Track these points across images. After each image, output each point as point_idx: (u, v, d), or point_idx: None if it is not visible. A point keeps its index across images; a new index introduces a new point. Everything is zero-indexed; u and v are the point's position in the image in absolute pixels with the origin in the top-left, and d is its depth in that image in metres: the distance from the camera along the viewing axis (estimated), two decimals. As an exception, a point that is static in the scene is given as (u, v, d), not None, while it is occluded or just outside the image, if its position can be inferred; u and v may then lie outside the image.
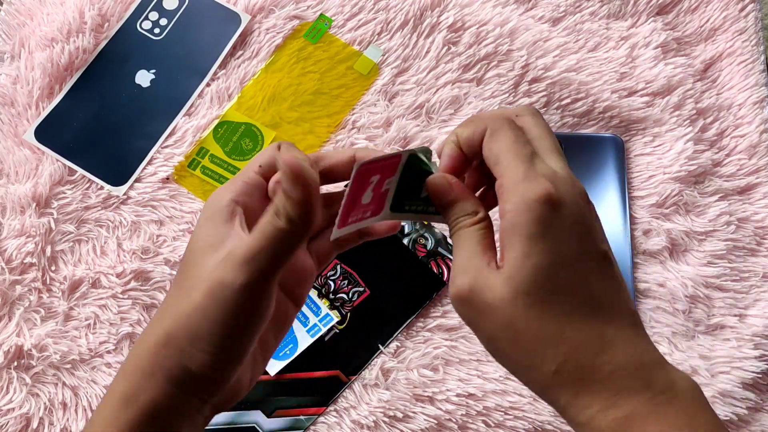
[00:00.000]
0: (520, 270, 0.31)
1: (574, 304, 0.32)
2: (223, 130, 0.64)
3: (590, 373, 0.31)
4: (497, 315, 0.32)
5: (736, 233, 0.61)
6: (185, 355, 0.33)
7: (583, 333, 0.31)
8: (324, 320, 0.59)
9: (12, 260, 0.59)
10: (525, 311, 0.31)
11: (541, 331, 0.31)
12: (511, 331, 0.32)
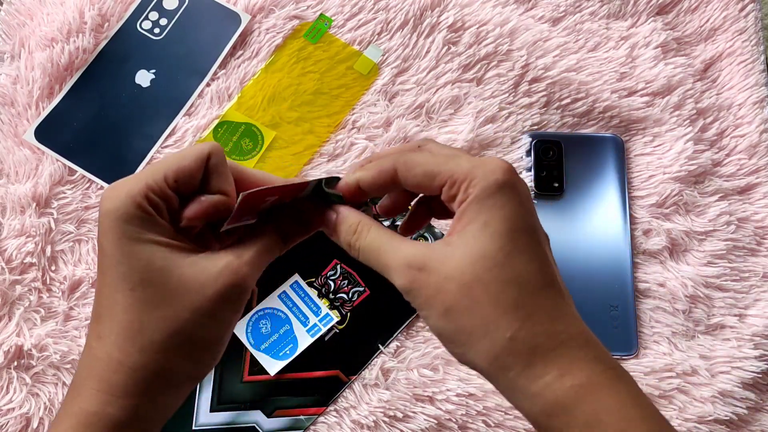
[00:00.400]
0: (479, 237, 0.32)
1: (531, 271, 0.32)
2: (223, 130, 0.64)
3: (545, 340, 0.31)
4: (454, 284, 0.32)
5: (736, 233, 0.61)
6: (189, 362, 0.34)
7: (539, 300, 0.32)
8: (324, 320, 0.59)
9: (12, 260, 0.59)
10: (484, 273, 0.31)
11: (500, 294, 0.31)
12: (468, 297, 0.31)
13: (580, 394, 0.30)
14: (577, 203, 0.62)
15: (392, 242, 0.34)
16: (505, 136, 0.64)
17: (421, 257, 0.33)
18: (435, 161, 0.34)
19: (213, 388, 0.58)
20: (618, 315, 0.59)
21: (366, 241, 0.35)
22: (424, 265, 0.32)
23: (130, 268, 0.32)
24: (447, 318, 0.32)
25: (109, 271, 0.33)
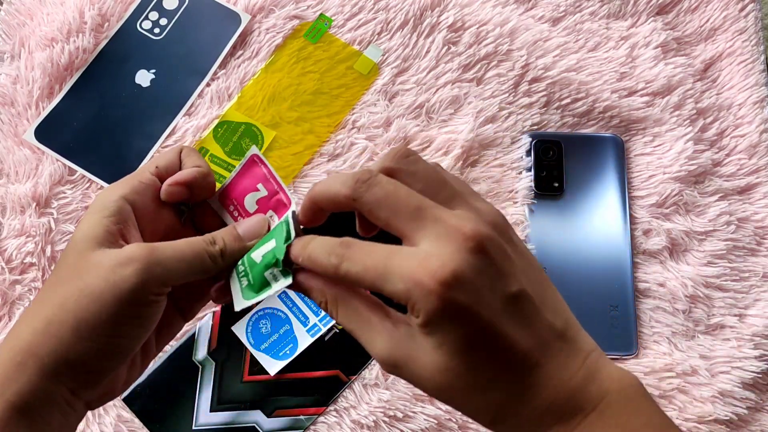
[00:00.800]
0: (439, 353, 0.30)
1: (491, 361, 0.30)
2: (223, 130, 0.64)
3: (524, 421, 0.31)
4: (430, 386, 0.31)
5: (736, 233, 0.61)
6: (63, 344, 0.32)
7: (504, 390, 0.31)
8: (324, 320, 0.59)
9: (12, 260, 0.59)
10: (455, 382, 0.31)
11: (471, 390, 0.31)
12: (445, 393, 0.31)
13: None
14: (577, 203, 0.62)
15: (365, 330, 0.32)
16: (505, 136, 0.64)
17: (405, 351, 0.31)
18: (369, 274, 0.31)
19: (213, 388, 0.58)
20: (618, 315, 0.59)
21: (341, 318, 0.33)
22: (406, 361, 0.31)
23: (71, 244, 0.35)
24: (435, 395, 0.32)
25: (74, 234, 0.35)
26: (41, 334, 0.32)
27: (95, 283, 0.32)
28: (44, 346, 0.32)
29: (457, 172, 0.62)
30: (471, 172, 0.63)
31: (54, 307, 0.33)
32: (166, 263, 0.33)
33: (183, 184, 0.37)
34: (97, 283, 0.32)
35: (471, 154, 0.63)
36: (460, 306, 0.29)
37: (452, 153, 0.62)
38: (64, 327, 0.32)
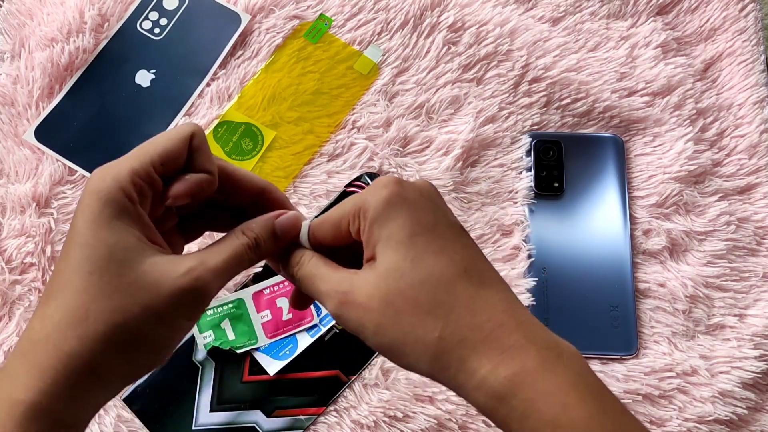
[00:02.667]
0: (385, 252, 0.33)
1: (440, 268, 0.32)
2: (223, 130, 0.64)
3: (471, 333, 0.31)
4: (375, 301, 0.32)
5: (736, 233, 0.61)
6: (126, 362, 0.32)
7: (456, 293, 0.32)
8: (324, 320, 0.59)
9: (12, 260, 0.59)
10: (397, 283, 0.32)
11: (416, 299, 0.32)
12: (391, 310, 0.32)
13: (515, 383, 0.30)
14: (577, 203, 0.62)
15: (326, 270, 0.35)
16: (505, 136, 0.64)
17: (349, 280, 0.34)
18: (336, 210, 0.35)
19: (213, 388, 0.58)
20: (618, 315, 0.59)
21: (303, 270, 0.36)
22: (350, 287, 0.33)
23: (93, 251, 0.31)
24: (380, 334, 0.33)
25: (73, 250, 0.32)
26: (100, 354, 0.31)
27: (162, 306, 0.32)
28: (107, 366, 0.32)
29: (457, 172, 0.62)
30: (471, 172, 0.63)
31: (113, 329, 0.31)
32: (224, 277, 0.34)
33: (189, 194, 0.35)
34: (165, 305, 0.32)
35: (471, 154, 0.63)
36: (405, 191, 0.33)
37: (452, 153, 0.62)
38: (129, 349, 0.32)
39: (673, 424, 0.56)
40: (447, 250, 0.33)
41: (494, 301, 0.32)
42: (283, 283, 0.59)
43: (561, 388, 0.30)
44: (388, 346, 0.33)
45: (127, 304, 0.31)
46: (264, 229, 0.36)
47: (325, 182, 0.63)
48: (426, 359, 0.32)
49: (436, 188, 0.36)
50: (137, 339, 0.32)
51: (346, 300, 0.33)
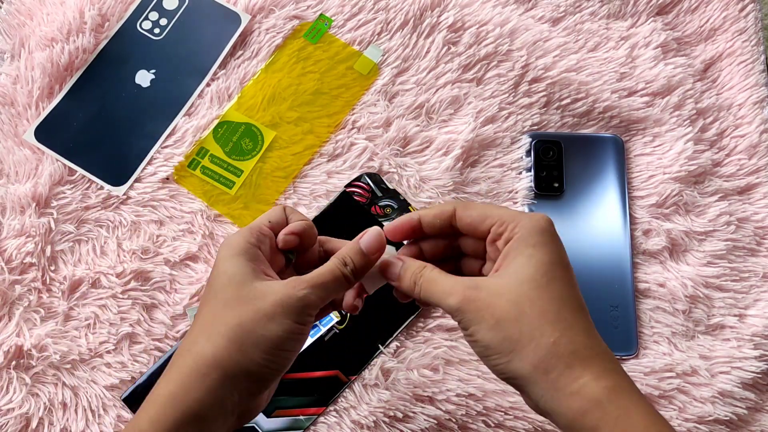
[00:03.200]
0: (526, 265, 0.39)
1: (569, 295, 0.39)
2: (223, 130, 0.64)
3: (582, 349, 0.37)
4: (503, 299, 0.38)
5: (736, 233, 0.61)
6: (246, 357, 0.39)
7: (575, 317, 0.38)
8: (324, 320, 0.59)
9: (12, 260, 0.59)
10: (530, 292, 0.38)
11: (544, 308, 0.37)
12: (516, 310, 0.38)
13: (612, 394, 0.36)
14: (577, 203, 0.62)
15: (447, 275, 0.41)
16: (505, 136, 0.64)
17: (474, 281, 0.40)
18: (487, 206, 0.43)
19: (213, 388, 0.58)
20: (618, 315, 0.59)
21: (425, 276, 0.42)
22: (477, 285, 0.39)
23: (223, 278, 0.41)
24: (496, 329, 0.38)
25: (211, 282, 0.42)
26: (224, 349, 0.39)
27: (269, 308, 0.39)
28: (229, 359, 0.39)
29: (457, 172, 0.62)
30: (471, 172, 0.63)
31: (233, 327, 0.39)
32: (319, 288, 0.41)
33: (296, 234, 0.44)
34: (272, 307, 0.40)
35: (471, 155, 0.63)
36: (555, 232, 0.41)
37: (452, 153, 0.62)
38: (246, 343, 0.39)
39: (673, 424, 0.56)
40: (574, 285, 0.39)
41: (597, 335, 0.38)
42: None
43: (647, 405, 0.37)
44: (500, 341, 0.38)
45: (242, 310, 0.39)
46: (351, 250, 0.43)
47: (325, 182, 0.63)
48: (532, 359, 0.37)
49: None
50: (251, 336, 0.39)
51: (471, 296, 0.39)
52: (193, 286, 0.59)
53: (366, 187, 0.62)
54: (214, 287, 0.41)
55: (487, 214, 0.42)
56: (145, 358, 0.58)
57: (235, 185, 0.63)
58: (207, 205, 0.62)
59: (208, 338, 0.39)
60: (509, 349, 0.37)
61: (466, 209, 0.43)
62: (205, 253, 0.61)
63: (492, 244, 0.42)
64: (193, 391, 0.38)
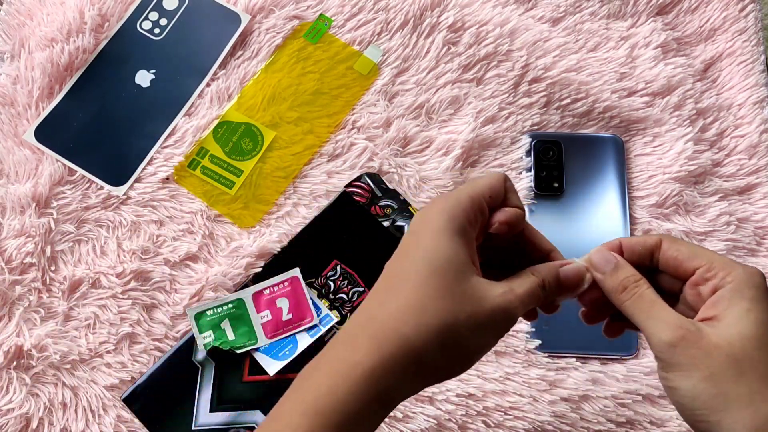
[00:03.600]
0: (745, 320, 0.36)
1: None
2: (223, 130, 0.64)
3: None
4: (723, 352, 0.35)
5: (736, 233, 0.61)
6: (444, 356, 0.36)
7: None
8: (324, 320, 0.59)
9: (12, 260, 0.59)
10: (753, 351, 0.35)
11: (763, 372, 0.35)
12: (735, 368, 0.35)
13: None
14: (577, 203, 0.62)
15: (663, 302, 0.38)
16: (505, 136, 0.64)
17: (695, 323, 0.37)
18: (698, 248, 0.39)
19: (213, 388, 0.58)
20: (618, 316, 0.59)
21: (642, 291, 0.39)
22: (699, 329, 0.36)
23: (436, 256, 0.37)
24: (709, 382, 0.35)
25: (414, 252, 0.38)
26: (432, 349, 0.36)
27: (484, 318, 0.37)
28: (432, 360, 0.36)
29: (457, 172, 0.62)
30: (471, 172, 0.63)
31: (445, 327, 0.36)
32: (524, 306, 0.38)
33: (510, 225, 0.40)
34: (486, 318, 0.37)
35: (471, 155, 0.63)
36: (765, 288, 0.37)
37: (452, 153, 0.62)
38: (452, 349, 0.36)
39: (673, 424, 0.56)
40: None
41: None
42: (283, 283, 0.59)
43: None
44: (711, 397, 0.35)
45: (457, 309, 0.36)
46: (550, 274, 0.40)
47: (325, 182, 0.63)
48: (748, 424, 0.34)
49: None
50: (457, 342, 0.36)
51: (691, 338, 0.36)
52: (193, 286, 0.59)
53: (366, 187, 0.62)
54: (427, 261, 0.37)
55: (697, 255, 0.39)
56: (145, 358, 0.58)
57: (235, 185, 0.63)
58: (207, 205, 0.62)
59: (416, 328, 0.36)
60: (720, 407, 0.35)
61: (674, 243, 0.40)
62: (205, 253, 0.61)
63: (694, 287, 0.39)
64: (391, 377, 0.35)
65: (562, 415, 0.56)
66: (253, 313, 0.59)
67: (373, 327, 0.36)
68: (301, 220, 0.62)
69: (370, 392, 0.35)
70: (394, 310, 0.36)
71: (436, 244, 0.37)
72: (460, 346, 0.37)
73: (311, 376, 0.37)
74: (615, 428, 0.56)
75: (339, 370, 0.35)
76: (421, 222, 0.39)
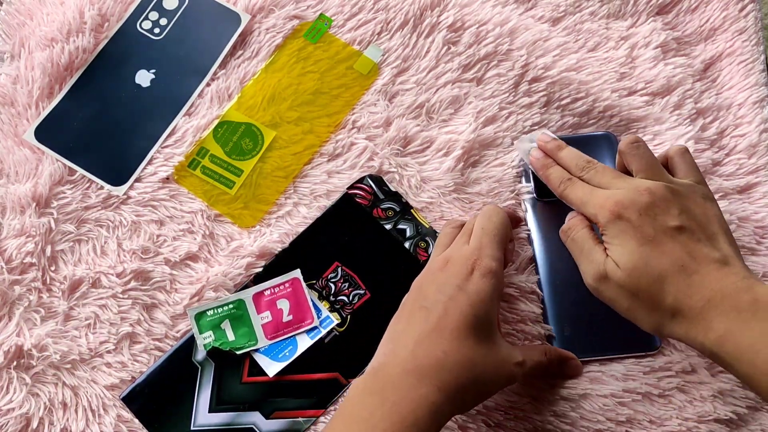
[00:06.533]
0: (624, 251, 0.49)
1: (656, 257, 0.47)
2: (223, 130, 0.64)
3: (688, 310, 0.45)
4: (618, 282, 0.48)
5: (736, 232, 0.61)
6: (463, 405, 0.49)
7: (674, 285, 0.46)
8: (324, 322, 0.59)
9: (12, 260, 0.59)
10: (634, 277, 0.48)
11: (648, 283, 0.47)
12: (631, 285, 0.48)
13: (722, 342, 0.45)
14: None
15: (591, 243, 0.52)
16: (506, 136, 0.64)
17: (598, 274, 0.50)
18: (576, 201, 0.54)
19: (212, 388, 0.58)
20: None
21: (575, 234, 0.53)
22: (599, 278, 0.50)
23: (485, 318, 0.49)
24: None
25: (472, 309, 0.48)
26: (454, 390, 0.46)
27: (501, 377, 0.49)
28: (451, 402, 0.46)
29: (458, 173, 0.62)
30: (472, 172, 0.63)
31: (472, 378, 0.47)
32: (529, 373, 0.51)
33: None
34: (504, 377, 0.49)
35: (472, 155, 0.63)
36: (625, 219, 0.48)
37: (453, 154, 0.62)
38: (469, 395, 0.48)
39: (673, 423, 0.56)
40: (668, 255, 0.47)
41: (706, 282, 0.46)
42: (284, 285, 0.59)
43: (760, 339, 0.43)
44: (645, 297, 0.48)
45: (487, 365, 0.48)
46: (557, 359, 0.56)
47: (326, 182, 0.63)
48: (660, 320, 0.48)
49: (682, 196, 0.50)
50: (479, 389, 0.48)
51: (601, 284, 0.50)
52: (193, 286, 0.60)
53: (368, 189, 0.62)
54: (478, 316, 0.48)
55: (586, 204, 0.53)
56: (146, 358, 0.58)
57: (236, 185, 0.63)
58: (207, 205, 0.62)
59: (451, 372, 0.46)
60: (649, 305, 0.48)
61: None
62: (206, 253, 0.61)
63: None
64: (446, 409, 0.46)
65: (563, 414, 0.56)
66: (254, 314, 0.59)
67: (439, 373, 0.47)
68: (302, 220, 0.62)
69: (435, 424, 0.46)
70: (440, 341, 0.48)
71: (488, 307, 0.50)
72: (478, 393, 0.49)
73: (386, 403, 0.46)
74: (615, 427, 0.56)
75: (422, 407, 0.45)
76: (489, 283, 0.50)
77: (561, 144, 0.57)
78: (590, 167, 0.54)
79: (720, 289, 0.45)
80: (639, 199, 0.48)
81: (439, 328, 0.48)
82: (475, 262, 0.50)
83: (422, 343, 0.47)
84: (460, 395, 0.46)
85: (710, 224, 0.49)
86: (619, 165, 0.56)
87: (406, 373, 0.46)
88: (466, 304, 0.48)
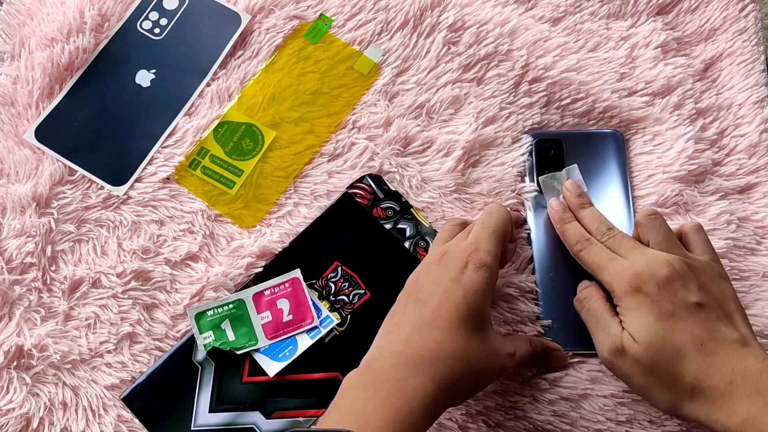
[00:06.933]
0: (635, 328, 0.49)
1: (676, 333, 0.47)
2: (224, 130, 0.64)
3: (709, 391, 0.45)
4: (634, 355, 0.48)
5: (736, 232, 0.61)
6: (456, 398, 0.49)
7: (693, 363, 0.46)
8: (324, 322, 0.59)
9: (12, 260, 0.59)
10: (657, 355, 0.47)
11: (666, 358, 0.47)
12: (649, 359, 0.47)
13: (747, 426, 0.44)
14: (578, 203, 0.62)
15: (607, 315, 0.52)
16: (506, 136, 0.64)
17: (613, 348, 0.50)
18: (593, 265, 0.55)
19: (212, 388, 0.58)
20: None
21: (590, 306, 0.53)
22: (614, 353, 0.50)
23: (479, 312, 0.49)
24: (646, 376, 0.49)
25: (467, 302, 0.49)
26: (449, 383, 0.46)
27: (495, 369, 0.50)
28: (444, 395, 0.46)
29: (459, 173, 0.62)
30: (473, 172, 0.63)
31: (468, 370, 0.48)
32: (519, 364, 0.53)
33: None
34: (498, 370, 0.50)
35: (472, 155, 0.63)
36: (644, 292, 0.48)
37: (453, 154, 0.62)
38: (464, 387, 0.48)
39: (673, 423, 0.56)
40: (685, 333, 0.47)
41: (726, 362, 0.45)
42: (284, 284, 0.59)
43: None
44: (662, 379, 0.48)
45: (480, 356, 0.48)
46: (543, 350, 0.56)
47: (326, 182, 0.63)
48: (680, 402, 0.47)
49: (700, 271, 0.50)
50: (473, 379, 0.48)
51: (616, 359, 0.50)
52: (193, 286, 0.60)
53: (368, 188, 0.62)
54: (472, 308, 0.48)
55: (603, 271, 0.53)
56: (146, 358, 0.58)
57: (236, 185, 0.63)
58: (207, 205, 0.62)
59: (446, 363, 0.47)
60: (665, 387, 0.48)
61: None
62: (206, 253, 0.61)
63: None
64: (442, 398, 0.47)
65: (563, 414, 0.56)
66: (254, 313, 0.59)
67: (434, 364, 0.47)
68: (302, 220, 0.62)
69: (430, 415, 0.46)
70: (440, 335, 0.48)
71: (482, 301, 0.50)
72: (473, 385, 0.49)
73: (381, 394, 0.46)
74: (615, 427, 0.56)
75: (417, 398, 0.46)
76: (468, 264, 0.50)
77: (585, 202, 0.58)
78: (610, 235, 0.54)
79: (741, 371, 0.45)
80: (658, 273, 0.48)
81: (432, 319, 0.48)
82: (470, 255, 0.50)
83: (416, 334, 0.48)
84: (454, 386, 0.47)
85: (727, 303, 0.49)
86: (635, 236, 0.55)
87: (399, 365, 0.46)
88: (461, 296, 0.48)
